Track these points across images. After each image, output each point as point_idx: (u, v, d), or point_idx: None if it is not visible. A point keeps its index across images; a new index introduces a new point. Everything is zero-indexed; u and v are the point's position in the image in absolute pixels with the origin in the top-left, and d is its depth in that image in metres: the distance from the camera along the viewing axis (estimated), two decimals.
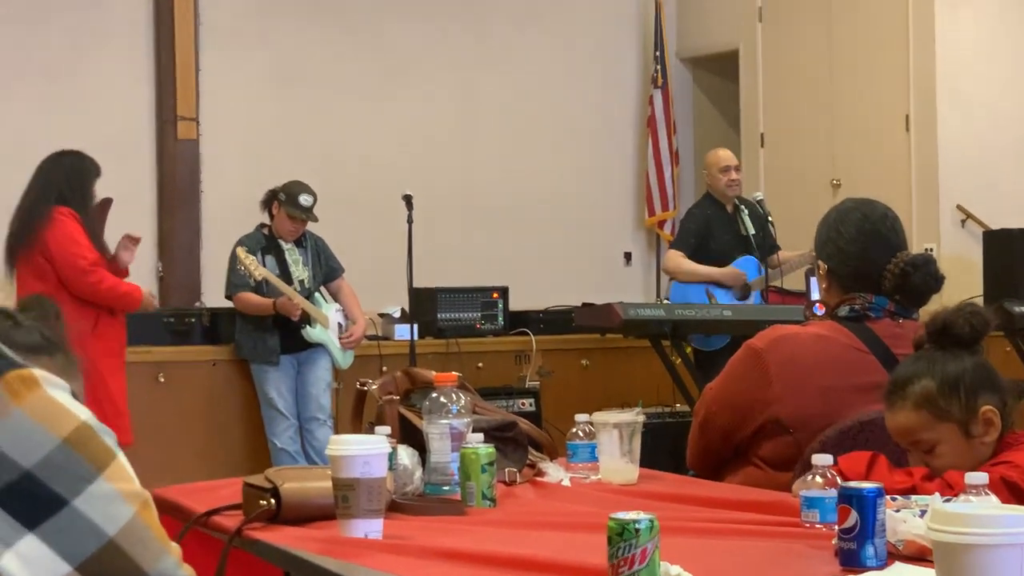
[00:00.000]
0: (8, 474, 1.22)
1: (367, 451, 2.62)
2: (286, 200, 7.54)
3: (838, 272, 3.49)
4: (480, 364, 8.36)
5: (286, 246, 7.63)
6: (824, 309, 3.60)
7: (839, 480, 2.58)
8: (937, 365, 2.92)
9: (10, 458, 1.22)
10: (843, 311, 3.46)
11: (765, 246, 8.13)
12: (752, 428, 3.41)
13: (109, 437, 1.30)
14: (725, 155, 8.39)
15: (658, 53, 10.96)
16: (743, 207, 8.26)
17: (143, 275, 9.10)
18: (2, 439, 1.22)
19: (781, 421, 3.34)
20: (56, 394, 1.27)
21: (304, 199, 7.52)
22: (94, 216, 6.82)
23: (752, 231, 8.17)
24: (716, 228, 8.22)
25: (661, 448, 6.66)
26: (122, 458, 1.30)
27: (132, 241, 6.93)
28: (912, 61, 9.52)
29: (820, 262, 3.54)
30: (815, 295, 3.88)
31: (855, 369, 3.33)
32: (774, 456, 3.36)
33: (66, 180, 6.74)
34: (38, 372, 1.28)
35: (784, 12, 10.42)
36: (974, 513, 1.84)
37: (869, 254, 3.43)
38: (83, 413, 1.28)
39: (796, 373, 3.35)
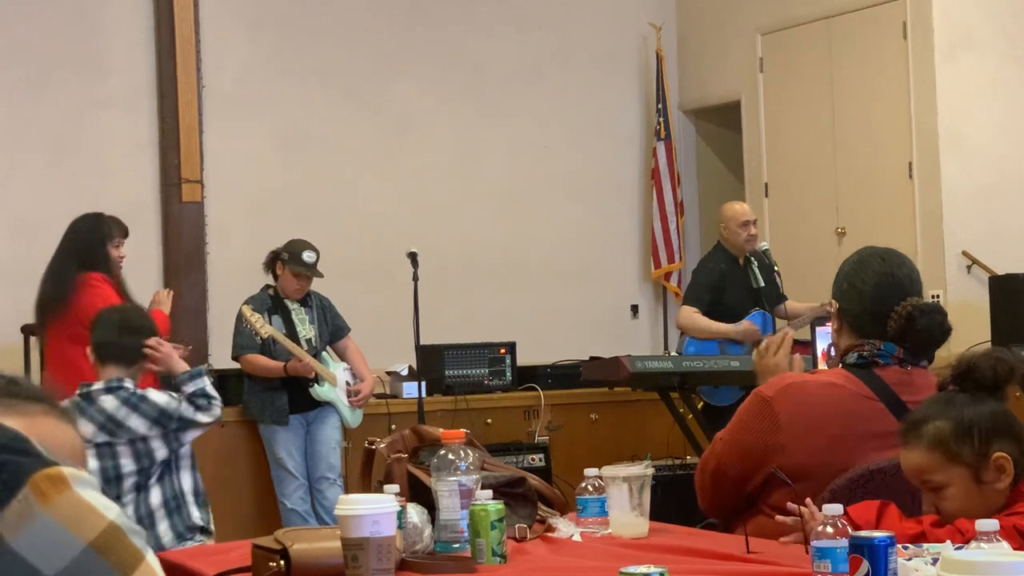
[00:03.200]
0: None
1: (376, 510, 2.61)
2: (289, 258, 7.57)
3: (849, 313, 3.50)
4: (489, 420, 8.34)
5: (292, 305, 7.64)
6: (835, 350, 3.62)
7: (850, 529, 2.57)
8: (955, 407, 2.92)
9: (33, 566, 1.19)
10: (851, 358, 3.46)
11: (773, 297, 8.14)
12: (762, 476, 3.40)
13: (139, 537, 1.27)
14: (743, 209, 8.40)
15: (660, 105, 10.99)
16: (753, 259, 8.26)
17: None
18: (27, 546, 1.19)
19: (788, 469, 3.33)
20: (85, 493, 1.24)
21: (307, 256, 7.54)
22: (118, 276, 6.84)
23: (762, 283, 8.17)
24: (729, 282, 8.23)
25: (672, 501, 6.64)
26: (151, 559, 1.26)
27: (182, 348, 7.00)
28: (913, 108, 9.55)
29: (833, 301, 3.56)
30: (820, 346, 3.91)
31: (863, 417, 3.33)
32: (785, 504, 3.35)
33: (85, 245, 6.80)
34: (67, 470, 1.25)
35: (785, 62, 10.46)
36: (984, 560, 1.83)
37: (882, 298, 3.43)
38: (111, 512, 1.25)
39: (805, 421, 3.36)
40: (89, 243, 6.86)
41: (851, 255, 3.62)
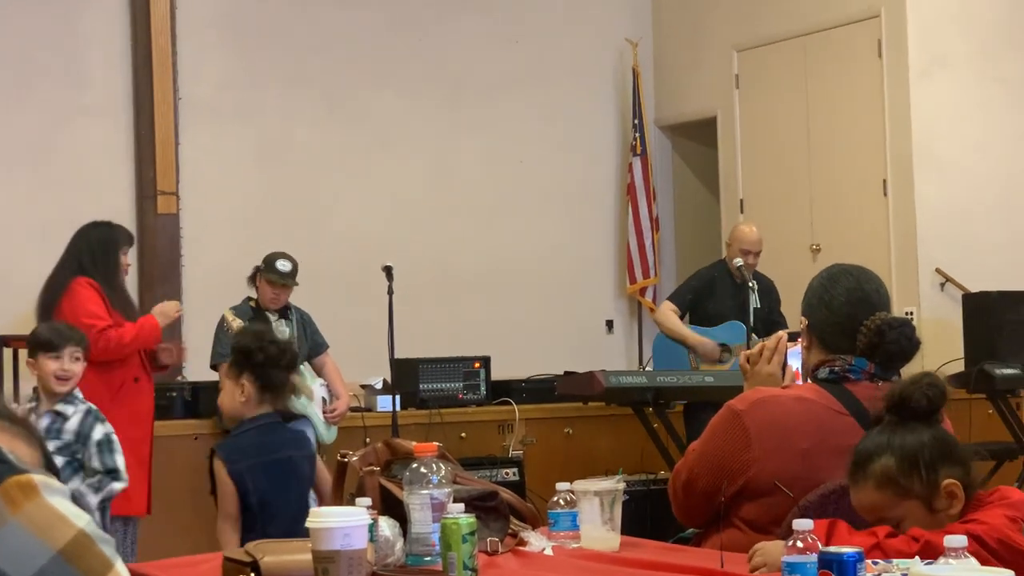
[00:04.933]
0: None
1: (347, 523, 2.61)
2: (265, 268, 7.59)
3: (819, 328, 3.51)
4: (463, 434, 8.34)
5: (273, 318, 7.63)
6: (804, 367, 3.62)
7: (820, 545, 2.57)
8: (896, 440, 2.93)
9: (3, 573, 1.20)
10: (823, 373, 3.47)
11: (770, 322, 8.15)
12: (733, 489, 3.41)
13: (107, 545, 1.27)
14: (751, 240, 8.40)
15: (636, 121, 11.02)
16: (754, 283, 8.24)
17: None
18: None
19: (760, 483, 3.34)
20: (55, 501, 1.25)
21: (281, 264, 7.55)
22: (119, 285, 6.83)
23: (759, 305, 8.16)
24: (719, 292, 8.29)
25: (645, 515, 6.65)
26: (120, 568, 1.27)
27: (175, 348, 7.00)
28: (888, 126, 9.59)
29: (803, 318, 3.57)
30: (794, 364, 3.89)
31: (834, 431, 3.34)
32: (756, 518, 3.37)
33: (88, 251, 6.79)
34: (37, 478, 1.25)
35: (761, 79, 10.50)
36: None
37: (852, 313, 3.45)
38: (81, 520, 1.26)
39: (776, 435, 3.36)
40: (99, 249, 6.84)
41: (820, 272, 3.63)
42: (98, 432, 5.67)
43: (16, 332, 7.77)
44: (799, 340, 3.64)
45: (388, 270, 7.78)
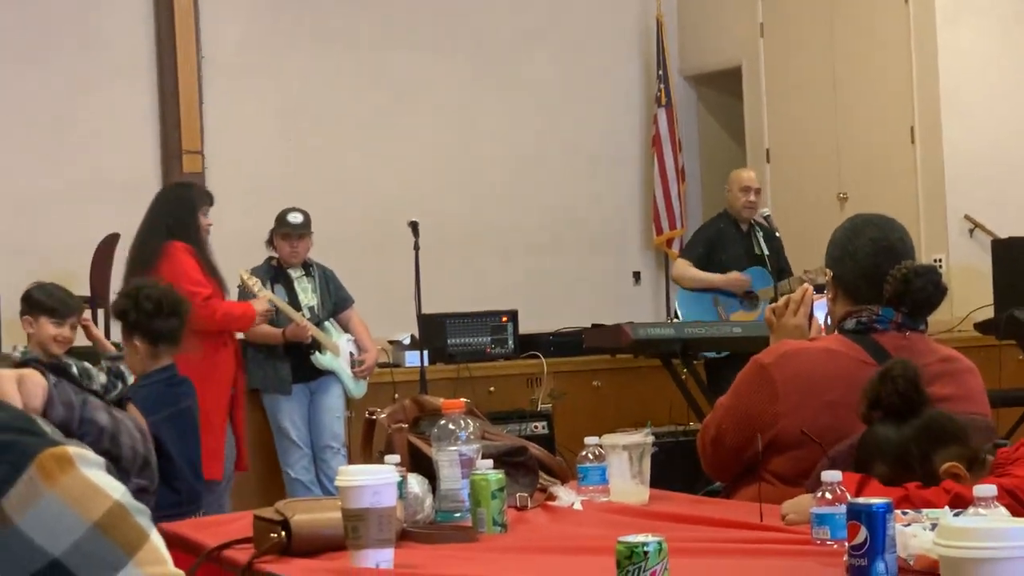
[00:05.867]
0: (36, 562, 1.20)
1: (376, 481, 2.61)
2: (277, 224, 7.61)
3: (844, 279, 3.50)
4: (491, 389, 8.35)
5: (295, 275, 7.64)
6: (831, 318, 3.61)
7: (848, 496, 2.57)
8: (882, 445, 2.90)
9: (39, 545, 1.20)
10: (849, 324, 3.46)
11: (778, 267, 8.15)
12: (762, 443, 3.40)
13: (143, 516, 1.27)
14: (748, 176, 8.43)
15: (661, 72, 10.97)
16: (758, 228, 8.29)
17: None
18: (32, 526, 1.20)
19: (788, 436, 3.33)
20: (91, 473, 1.25)
21: (292, 216, 7.56)
22: (204, 246, 6.85)
23: (766, 252, 8.19)
24: (727, 241, 8.26)
25: (674, 468, 6.64)
26: (155, 538, 1.27)
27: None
28: (915, 73, 9.53)
29: (828, 270, 3.55)
30: (819, 315, 3.87)
31: (861, 382, 3.31)
32: (785, 471, 3.36)
33: (171, 213, 6.81)
34: (72, 450, 1.25)
35: (786, 27, 10.43)
36: (981, 527, 1.83)
37: (877, 263, 3.43)
38: (116, 492, 1.26)
39: (803, 388, 3.35)
40: (178, 212, 6.86)
41: (843, 223, 3.62)
42: None
43: None
44: (825, 292, 3.63)
45: (414, 226, 7.78)
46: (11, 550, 1.19)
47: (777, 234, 8.18)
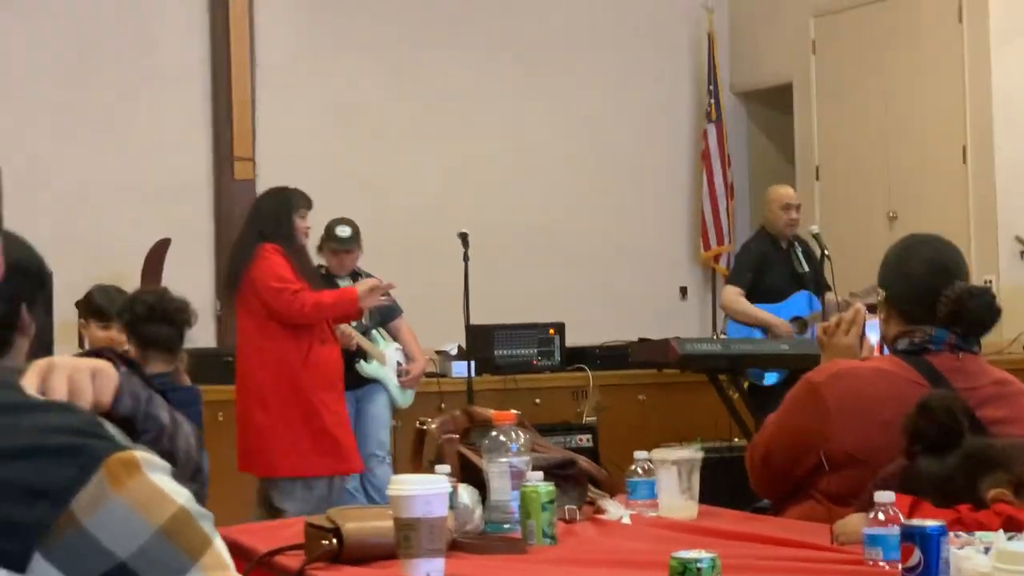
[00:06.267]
0: (104, 564, 1.21)
1: (428, 491, 2.63)
2: (325, 236, 7.63)
3: (898, 300, 3.48)
4: (537, 400, 8.35)
5: (343, 284, 7.66)
6: (884, 339, 3.60)
7: (902, 517, 2.56)
8: (926, 479, 2.89)
9: (106, 548, 1.21)
10: (903, 344, 3.44)
11: (819, 283, 8.13)
12: (811, 462, 3.40)
13: (207, 521, 1.29)
14: (787, 192, 8.43)
15: (711, 87, 10.96)
16: (797, 244, 8.28)
17: (201, 315, 9.14)
18: (100, 528, 1.21)
19: (839, 455, 3.32)
20: (156, 478, 1.27)
21: (340, 230, 7.57)
22: (300, 248, 6.87)
23: (806, 269, 8.17)
24: (770, 264, 8.24)
25: (720, 484, 6.63)
26: (219, 544, 1.29)
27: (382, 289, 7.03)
28: (968, 92, 9.48)
29: (880, 290, 3.54)
30: (870, 334, 3.86)
31: (912, 399, 3.30)
32: (834, 490, 3.35)
33: (267, 217, 6.84)
34: (139, 454, 1.27)
35: (837, 44, 10.40)
36: None
37: (931, 283, 3.41)
38: (181, 497, 1.27)
39: (854, 408, 3.34)
40: (273, 215, 6.88)
41: (896, 243, 3.61)
42: None
43: None
44: (877, 312, 3.62)
45: (464, 236, 7.79)
46: (80, 552, 1.21)
47: (826, 253, 8.16)
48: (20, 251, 2.51)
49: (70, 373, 1.73)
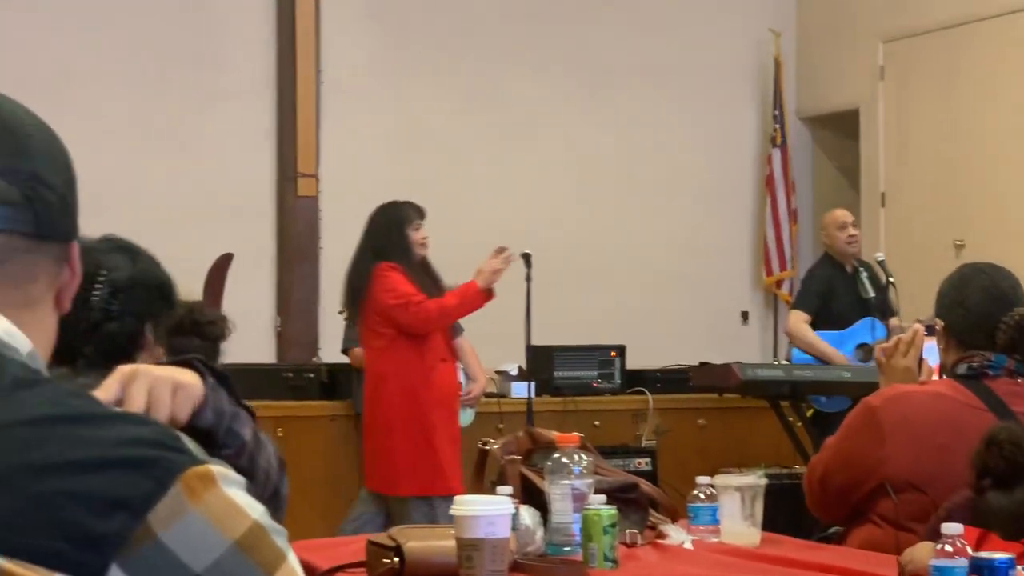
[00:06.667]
0: None
1: (492, 511, 2.62)
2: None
3: (956, 328, 3.50)
4: (596, 422, 8.33)
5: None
6: (943, 368, 3.60)
7: (969, 550, 2.53)
8: (996, 513, 2.86)
9: (182, 561, 1.21)
10: (961, 369, 3.46)
11: (884, 309, 8.07)
12: (869, 486, 3.41)
13: (281, 537, 1.29)
14: (841, 213, 8.47)
15: (777, 112, 10.92)
16: (862, 269, 8.22)
17: (261, 330, 9.22)
18: (176, 541, 1.21)
19: (895, 479, 3.32)
20: (232, 492, 1.26)
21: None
22: (417, 262, 6.92)
23: (872, 294, 8.12)
24: (837, 290, 8.20)
25: (780, 510, 6.59)
26: (292, 560, 1.29)
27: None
28: None
29: (938, 320, 3.55)
30: (931, 359, 3.85)
31: (971, 427, 3.28)
32: (893, 514, 3.36)
33: (379, 234, 6.88)
34: (216, 468, 1.27)
35: (906, 70, 10.34)
36: None
37: (989, 311, 3.43)
38: (255, 511, 1.27)
39: (910, 431, 3.36)
40: (386, 231, 6.92)
41: (952, 273, 3.64)
42: None
43: None
44: (936, 342, 3.62)
45: (527, 257, 7.77)
46: (156, 565, 1.21)
47: (891, 280, 8.10)
48: (149, 267, 2.53)
49: (152, 384, 1.73)
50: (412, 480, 6.55)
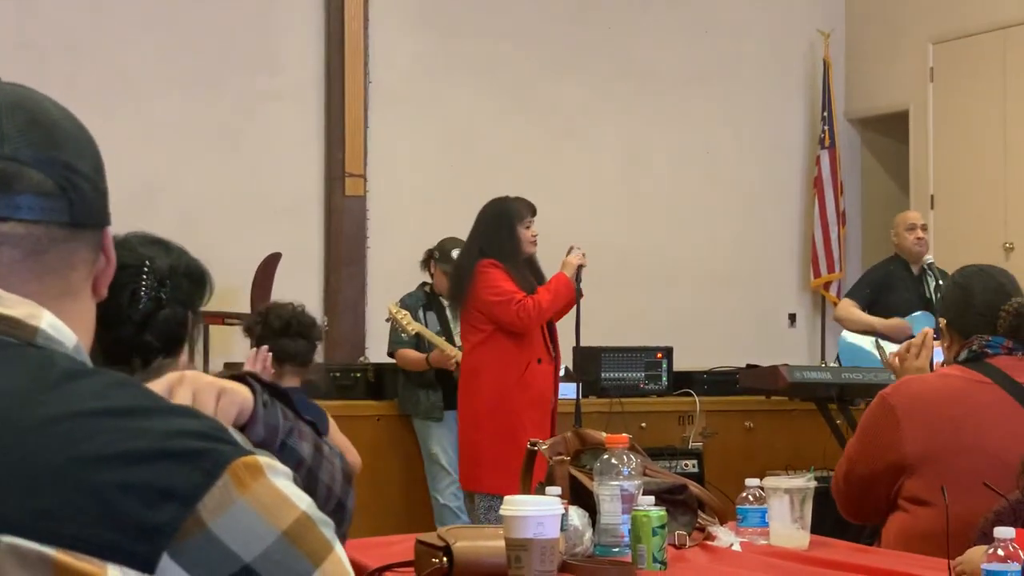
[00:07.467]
0: (229, 567, 1.22)
1: (541, 512, 2.62)
2: (440, 257, 7.63)
3: (959, 323, 3.69)
4: (643, 424, 8.32)
5: (447, 303, 7.67)
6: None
7: (1021, 554, 2.52)
8: None
9: (232, 550, 1.22)
10: (963, 355, 3.64)
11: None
12: (890, 471, 3.56)
13: (327, 528, 1.30)
14: (911, 213, 8.68)
15: (826, 113, 10.87)
16: (930, 274, 8.23)
17: None
18: (225, 531, 1.22)
19: (913, 457, 3.49)
20: (279, 483, 1.27)
21: (456, 254, 7.58)
22: (522, 259, 6.88)
23: (935, 296, 8.09)
24: (896, 284, 8.23)
25: (827, 513, 6.57)
26: (339, 550, 1.29)
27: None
28: None
29: (942, 319, 3.77)
30: (939, 360, 4.08)
31: (977, 396, 3.53)
32: (918, 492, 3.50)
33: (485, 231, 6.87)
34: (263, 459, 1.27)
35: (956, 72, 10.28)
36: None
37: (990, 302, 3.64)
38: (303, 502, 1.28)
39: (921, 407, 3.55)
40: (496, 227, 6.89)
41: (952, 275, 3.92)
42: None
43: (210, 309, 7.93)
44: (940, 341, 3.84)
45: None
46: (207, 554, 1.22)
47: (940, 282, 8.07)
48: (189, 260, 2.58)
49: (197, 388, 1.74)
50: (494, 478, 6.52)
